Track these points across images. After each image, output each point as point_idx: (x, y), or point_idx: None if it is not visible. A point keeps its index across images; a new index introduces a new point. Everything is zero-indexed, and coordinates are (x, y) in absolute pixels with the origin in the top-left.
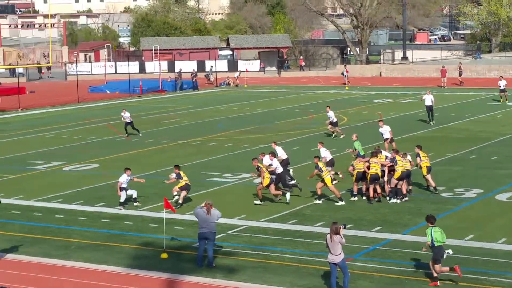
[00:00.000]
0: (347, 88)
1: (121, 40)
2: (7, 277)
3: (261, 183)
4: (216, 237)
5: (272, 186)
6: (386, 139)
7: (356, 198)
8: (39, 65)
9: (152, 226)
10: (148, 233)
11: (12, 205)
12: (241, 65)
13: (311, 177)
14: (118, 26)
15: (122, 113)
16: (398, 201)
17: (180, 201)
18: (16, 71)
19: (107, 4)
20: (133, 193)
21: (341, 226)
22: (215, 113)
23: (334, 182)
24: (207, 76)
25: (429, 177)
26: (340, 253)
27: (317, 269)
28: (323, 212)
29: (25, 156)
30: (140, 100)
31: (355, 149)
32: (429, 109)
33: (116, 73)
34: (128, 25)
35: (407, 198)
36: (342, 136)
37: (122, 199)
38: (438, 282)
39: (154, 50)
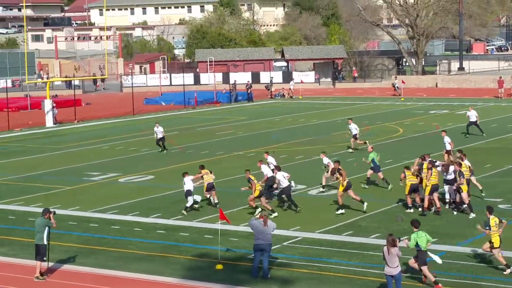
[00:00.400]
0: (402, 99)
1: (176, 52)
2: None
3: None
4: (271, 248)
5: (263, 198)
6: (448, 151)
7: (412, 210)
8: (95, 77)
9: (207, 237)
10: (203, 244)
11: (68, 216)
12: (296, 76)
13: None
14: (173, 38)
15: (155, 128)
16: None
17: (216, 201)
18: (72, 83)
19: (162, 16)
20: (198, 198)
21: (397, 239)
22: (269, 124)
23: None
24: (267, 87)
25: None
26: (397, 266)
27: (372, 281)
28: (379, 223)
29: (81, 168)
30: (195, 112)
31: (370, 160)
32: (474, 124)
33: (171, 84)
34: (183, 37)
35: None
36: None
37: (189, 204)
38: (440, 284)
39: (209, 61)
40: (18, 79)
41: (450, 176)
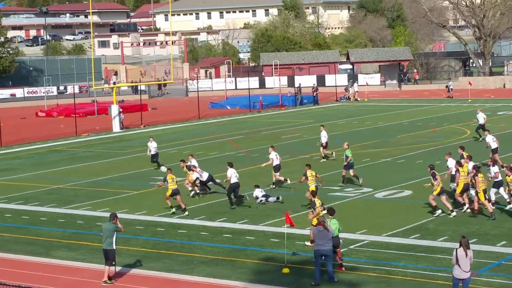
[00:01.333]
0: (469, 100)
1: (241, 56)
2: None
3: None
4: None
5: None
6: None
7: (464, 209)
8: (160, 82)
9: (273, 241)
10: (270, 248)
11: (136, 221)
12: (361, 79)
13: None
14: (238, 42)
15: (149, 143)
16: None
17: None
18: (139, 88)
19: (227, 21)
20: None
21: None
22: (335, 127)
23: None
24: (346, 89)
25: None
26: (470, 270)
27: (440, 284)
28: (447, 226)
29: (147, 172)
30: (260, 116)
31: (347, 157)
32: (481, 127)
33: (236, 88)
34: (248, 41)
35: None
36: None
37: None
38: (343, 268)
39: (274, 65)
40: (85, 85)
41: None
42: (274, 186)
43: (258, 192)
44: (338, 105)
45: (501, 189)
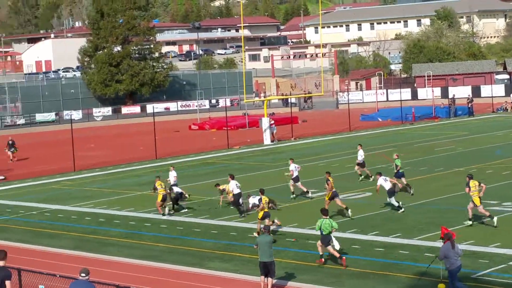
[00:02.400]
0: None
1: (392, 67)
2: None
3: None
4: (496, 268)
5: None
6: None
7: None
8: (311, 95)
9: (427, 256)
10: (424, 263)
11: (288, 233)
12: None
13: None
14: (389, 53)
15: (170, 172)
16: None
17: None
18: (289, 101)
19: (378, 32)
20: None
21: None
22: (492, 139)
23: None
24: None
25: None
26: None
27: None
28: None
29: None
30: (413, 128)
31: (397, 166)
32: None
33: (387, 100)
34: (399, 52)
35: None
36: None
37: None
38: (323, 259)
39: (427, 76)
40: (237, 98)
41: None
42: (293, 196)
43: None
44: (494, 116)
45: None
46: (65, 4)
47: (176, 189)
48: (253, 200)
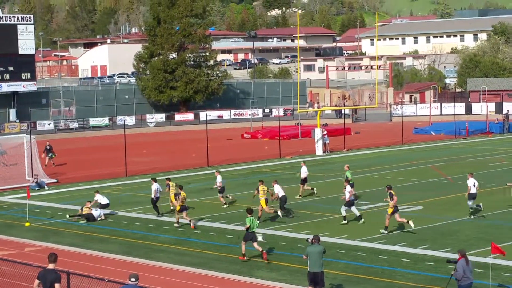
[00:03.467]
0: None
1: (447, 81)
2: None
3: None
4: None
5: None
6: None
7: None
8: (365, 107)
9: (477, 271)
10: (475, 279)
11: (336, 244)
12: None
13: None
14: (445, 67)
15: (218, 179)
16: None
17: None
18: (342, 112)
19: (434, 45)
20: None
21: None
22: None
23: None
24: None
25: None
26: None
27: None
28: None
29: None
30: (466, 142)
31: (347, 177)
32: None
33: (441, 114)
34: (454, 66)
35: None
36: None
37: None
38: (245, 257)
39: (482, 91)
40: (290, 108)
41: None
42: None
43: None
44: None
45: None
46: (122, 10)
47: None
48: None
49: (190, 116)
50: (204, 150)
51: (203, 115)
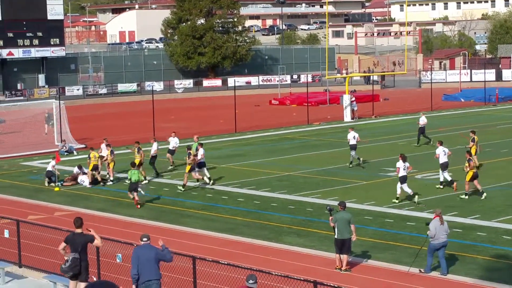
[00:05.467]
0: None
1: (477, 47)
2: (358, 281)
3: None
4: None
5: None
6: None
7: None
8: (393, 73)
9: (505, 238)
10: (502, 245)
11: (364, 211)
12: None
13: None
14: (475, 33)
15: (170, 138)
16: None
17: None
18: (371, 78)
19: (464, 11)
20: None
21: None
22: None
23: None
24: None
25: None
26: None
27: None
28: None
29: (377, 163)
30: (496, 109)
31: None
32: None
33: (471, 81)
34: (485, 32)
35: None
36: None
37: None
38: (139, 206)
39: None
40: (318, 74)
41: None
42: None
43: None
44: None
45: None
46: None
47: None
48: None
49: (218, 82)
50: (232, 116)
51: (231, 81)
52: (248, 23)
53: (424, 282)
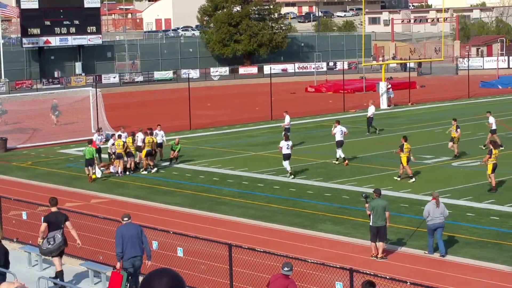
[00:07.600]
0: None
1: None
2: (395, 269)
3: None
4: None
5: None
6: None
7: None
8: (430, 60)
9: None
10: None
11: (400, 198)
12: None
13: None
14: None
15: (156, 130)
16: None
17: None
18: (408, 65)
19: None
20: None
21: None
22: None
23: None
24: None
25: None
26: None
27: None
28: None
29: (413, 150)
30: None
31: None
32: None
33: (508, 67)
34: None
35: None
36: None
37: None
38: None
39: None
40: (354, 61)
41: None
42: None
43: None
44: None
45: None
46: None
47: None
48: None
49: (254, 69)
50: (268, 103)
51: (267, 69)
52: (284, 10)
53: (458, 269)
